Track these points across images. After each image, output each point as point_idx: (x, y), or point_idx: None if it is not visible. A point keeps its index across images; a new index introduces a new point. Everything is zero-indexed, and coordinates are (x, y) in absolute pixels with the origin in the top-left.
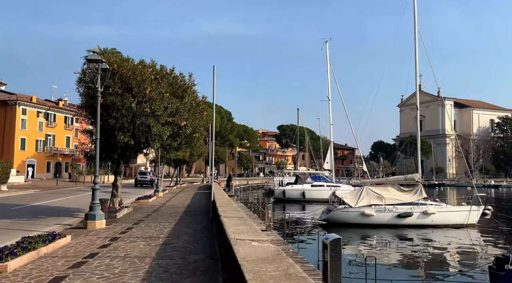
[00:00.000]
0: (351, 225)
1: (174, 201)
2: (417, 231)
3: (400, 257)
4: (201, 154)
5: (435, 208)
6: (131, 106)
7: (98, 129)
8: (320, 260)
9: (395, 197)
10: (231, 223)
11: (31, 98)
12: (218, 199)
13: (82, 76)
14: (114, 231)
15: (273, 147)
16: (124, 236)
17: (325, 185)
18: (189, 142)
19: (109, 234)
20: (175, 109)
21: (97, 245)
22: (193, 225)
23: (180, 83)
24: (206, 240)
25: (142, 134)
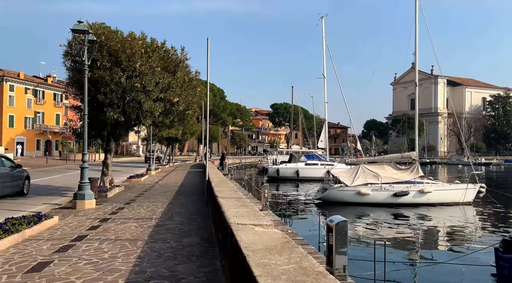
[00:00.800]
0: (347, 204)
1: (167, 180)
2: (413, 210)
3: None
4: (193, 132)
5: (431, 186)
6: (120, 80)
7: (85, 105)
8: (322, 242)
9: (391, 176)
10: (229, 205)
11: (19, 74)
12: (213, 178)
13: (69, 49)
14: (104, 211)
15: (266, 125)
16: (114, 217)
17: (319, 164)
18: (182, 120)
19: (99, 214)
20: (167, 85)
21: (86, 226)
22: (187, 205)
23: (172, 57)
24: (201, 221)
25: (132, 110)
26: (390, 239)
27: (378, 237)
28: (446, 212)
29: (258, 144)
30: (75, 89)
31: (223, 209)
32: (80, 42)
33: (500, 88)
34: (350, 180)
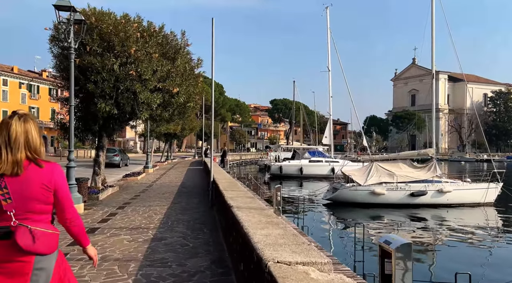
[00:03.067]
0: (359, 204)
1: (166, 178)
2: (432, 211)
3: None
4: (193, 128)
5: (451, 186)
6: (113, 68)
7: (72, 95)
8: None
9: (407, 174)
10: (253, 222)
11: (12, 68)
12: (219, 180)
13: (55, 32)
14: (93, 218)
15: (265, 121)
16: (104, 226)
17: (323, 161)
18: (183, 113)
19: (86, 223)
20: (166, 73)
21: (67, 241)
22: (190, 210)
23: (171, 43)
24: (208, 232)
25: (127, 102)
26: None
27: None
28: (467, 214)
29: (257, 141)
30: (62, 79)
31: (246, 230)
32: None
33: (502, 84)
34: (363, 179)
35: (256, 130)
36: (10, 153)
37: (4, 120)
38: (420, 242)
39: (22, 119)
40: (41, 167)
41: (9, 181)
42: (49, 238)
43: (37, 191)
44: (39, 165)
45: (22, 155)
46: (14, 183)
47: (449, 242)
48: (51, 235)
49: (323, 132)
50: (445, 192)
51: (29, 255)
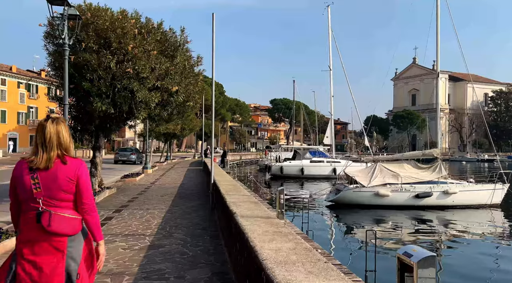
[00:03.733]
0: (363, 206)
1: (165, 179)
2: (437, 213)
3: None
4: (192, 128)
5: (456, 187)
6: (109, 65)
7: (66, 93)
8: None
9: (412, 175)
10: (259, 232)
11: (11, 68)
12: (220, 182)
13: (50, 29)
14: None
15: (265, 121)
16: None
17: (324, 161)
18: (182, 112)
19: None
20: (165, 71)
21: None
22: (189, 214)
23: (170, 40)
24: (209, 239)
25: (124, 101)
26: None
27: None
28: (473, 216)
29: (257, 140)
30: (57, 77)
31: (252, 244)
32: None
33: (502, 84)
34: (367, 180)
35: (256, 130)
36: (45, 151)
37: (40, 123)
38: (426, 245)
39: (54, 122)
40: (65, 164)
41: (40, 173)
42: (70, 221)
43: (62, 182)
44: (64, 162)
45: (54, 153)
46: (44, 175)
47: (456, 244)
48: (72, 219)
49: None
50: (450, 193)
51: (61, 236)
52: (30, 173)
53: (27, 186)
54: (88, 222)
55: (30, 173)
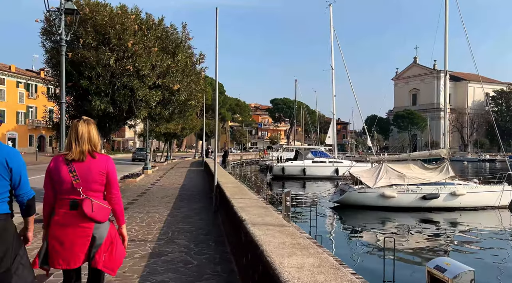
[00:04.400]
0: (368, 207)
1: (165, 180)
2: (444, 215)
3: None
4: (193, 127)
5: (464, 188)
6: (108, 62)
7: (63, 91)
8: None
9: (418, 176)
10: (274, 244)
11: (10, 67)
12: (224, 184)
13: (47, 25)
14: None
15: (265, 121)
16: None
17: (327, 161)
18: (184, 112)
19: None
20: (166, 69)
21: None
22: (191, 217)
23: (171, 36)
24: (214, 246)
25: (123, 99)
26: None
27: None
28: (481, 218)
29: (257, 140)
30: (54, 75)
31: (269, 259)
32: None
33: (503, 83)
34: (372, 181)
35: (256, 129)
36: (78, 145)
37: (73, 123)
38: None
39: (85, 122)
40: (94, 158)
41: (76, 166)
42: (103, 210)
43: (96, 175)
44: (94, 156)
45: (86, 147)
46: (79, 168)
47: (464, 248)
48: (104, 208)
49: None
50: (458, 194)
51: (90, 222)
52: (67, 167)
53: (66, 179)
54: (116, 210)
55: (68, 167)
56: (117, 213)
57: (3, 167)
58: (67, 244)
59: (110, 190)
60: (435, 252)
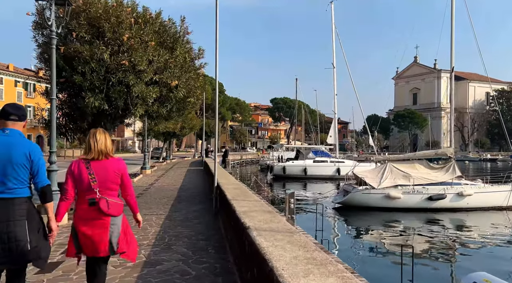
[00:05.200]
0: (373, 208)
1: (164, 180)
2: (451, 216)
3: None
4: (193, 127)
5: (471, 188)
6: (103, 57)
7: (53, 85)
8: None
9: (424, 176)
10: (286, 259)
11: (8, 66)
12: (224, 185)
13: (38, 18)
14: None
15: (265, 121)
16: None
17: (328, 161)
18: (182, 109)
19: (66, 239)
20: (163, 64)
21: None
22: (190, 220)
23: (169, 30)
24: (214, 254)
25: (119, 96)
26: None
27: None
28: (489, 219)
29: (257, 140)
30: (46, 71)
31: (281, 280)
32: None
33: (504, 83)
34: (377, 182)
35: (256, 129)
36: (96, 146)
37: (91, 131)
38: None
39: (101, 130)
40: (109, 160)
41: (94, 167)
42: (117, 206)
43: (111, 175)
44: (108, 159)
45: (103, 149)
46: (97, 169)
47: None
48: (118, 204)
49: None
50: (465, 195)
51: (108, 216)
52: (87, 170)
53: (85, 181)
54: (131, 203)
55: (87, 170)
56: (132, 205)
57: (26, 159)
58: (91, 235)
59: (125, 189)
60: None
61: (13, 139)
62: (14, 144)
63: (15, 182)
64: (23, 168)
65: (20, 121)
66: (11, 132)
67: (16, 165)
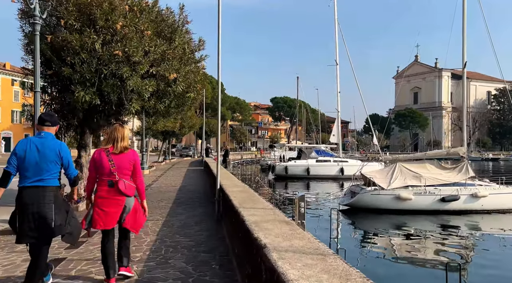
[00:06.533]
0: (382, 210)
1: (162, 181)
2: (465, 218)
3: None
4: (192, 126)
5: (486, 189)
6: (94, 47)
7: (37, 76)
8: None
9: (435, 177)
10: None
11: (4, 65)
12: (228, 187)
13: (24, 5)
14: (61, 240)
15: (265, 120)
16: (72, 256)
17: (331, 161)
18: (182, 105)
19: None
20: (161, 55)
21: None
22: (191, 227)
23: (167, 20)
24: (219, 270)
25: (112, 90)
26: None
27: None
28: (505, 222)
29: (257, 139)
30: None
31: None
32: None
33: (506, 82)
34: (387, 182)
35: (256, 129)
36: (120, 143)
37: (115, 125)
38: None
39: (123, 126)
40: (127, 152)
41: (114, 157)
42: (132, 188)
43: (127, 163)
44: (126, 151)
45: (125, 144)
46: (116, 158)
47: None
48: (132, 187)
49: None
50: (480, 196)
51: (123, 196)
52: (107, 157)
53: (106, 166)
54: (139, 189)
55: (108, 157)
56: (140, 191)
57: (56, 155)
58: (107, 211)
59: (135, 175)
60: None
61: (46, 140)
62: (47, 144)
63: (47, 174)
64: (54, 163)
65: (53, 126)
66: (45, 134)
67: (49, 161)
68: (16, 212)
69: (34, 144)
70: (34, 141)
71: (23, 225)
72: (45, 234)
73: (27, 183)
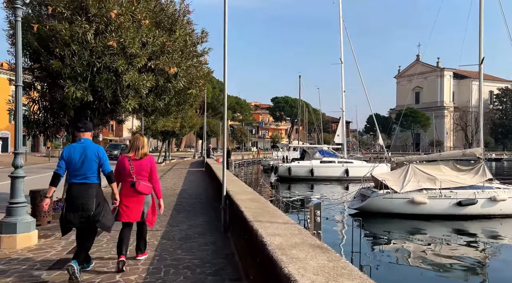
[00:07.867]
0: (395, 215)
1: (162, 184)
2: (483, 223)
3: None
4: (193, 125)
5: (505, 192)
6: (86, 37)
7: (19, 69)
8: None
9: (451, 179)
10: None
11: (1, 64)
12: (236, 194)
13: None
14: (44, 257)
15: (266, 120)
16: (53, 279)
17: (336, 161)
18: (182, 102)
19: (32, 265)
20: (160, 47)
21: None
22: (193, 240)
23: (167, 10)
24: None
25: (106, 85)
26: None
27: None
28: None
29: (258, 139)
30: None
31: None
32: None
33: (508, 81)
34: (399, 185)
35: (257, 128)
36: (140, 150)
37: (136, 135)
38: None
39: (142, 135)
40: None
41: (134, 162)
42: (148, 187)
43: (145, 167)
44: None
45: (144, 151)
46: (136, 163)
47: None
48: (149, 186)
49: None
50: (498, 200)
51: (142, 195)
52: (128, 162)
53: (127, 169)
54: (156, 188)
55: (129, 162)
56: (157, 190)
57: (96, 156)
58: (130, 206)
59: (152, 176)
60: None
61: (86, 145)
62: (87, 148)
63: (90, 172)
64: (94, 163)
65: (87, 131)
66: (84, 140)
67: (90, 162)
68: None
69: (77, 149)
70: (77, 147)
71: (69, 213)
72: (86, 222)
73: (75, 180)
